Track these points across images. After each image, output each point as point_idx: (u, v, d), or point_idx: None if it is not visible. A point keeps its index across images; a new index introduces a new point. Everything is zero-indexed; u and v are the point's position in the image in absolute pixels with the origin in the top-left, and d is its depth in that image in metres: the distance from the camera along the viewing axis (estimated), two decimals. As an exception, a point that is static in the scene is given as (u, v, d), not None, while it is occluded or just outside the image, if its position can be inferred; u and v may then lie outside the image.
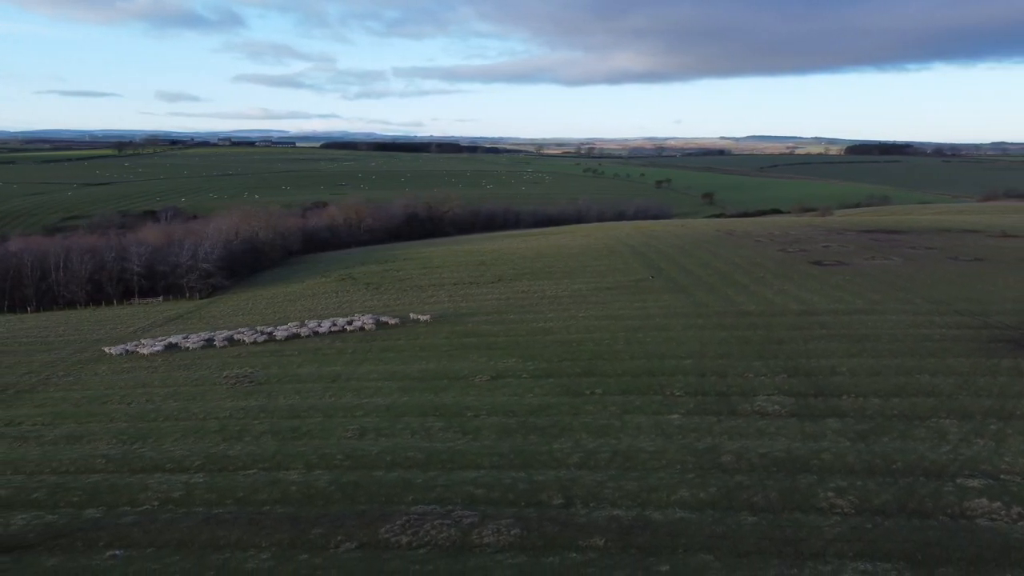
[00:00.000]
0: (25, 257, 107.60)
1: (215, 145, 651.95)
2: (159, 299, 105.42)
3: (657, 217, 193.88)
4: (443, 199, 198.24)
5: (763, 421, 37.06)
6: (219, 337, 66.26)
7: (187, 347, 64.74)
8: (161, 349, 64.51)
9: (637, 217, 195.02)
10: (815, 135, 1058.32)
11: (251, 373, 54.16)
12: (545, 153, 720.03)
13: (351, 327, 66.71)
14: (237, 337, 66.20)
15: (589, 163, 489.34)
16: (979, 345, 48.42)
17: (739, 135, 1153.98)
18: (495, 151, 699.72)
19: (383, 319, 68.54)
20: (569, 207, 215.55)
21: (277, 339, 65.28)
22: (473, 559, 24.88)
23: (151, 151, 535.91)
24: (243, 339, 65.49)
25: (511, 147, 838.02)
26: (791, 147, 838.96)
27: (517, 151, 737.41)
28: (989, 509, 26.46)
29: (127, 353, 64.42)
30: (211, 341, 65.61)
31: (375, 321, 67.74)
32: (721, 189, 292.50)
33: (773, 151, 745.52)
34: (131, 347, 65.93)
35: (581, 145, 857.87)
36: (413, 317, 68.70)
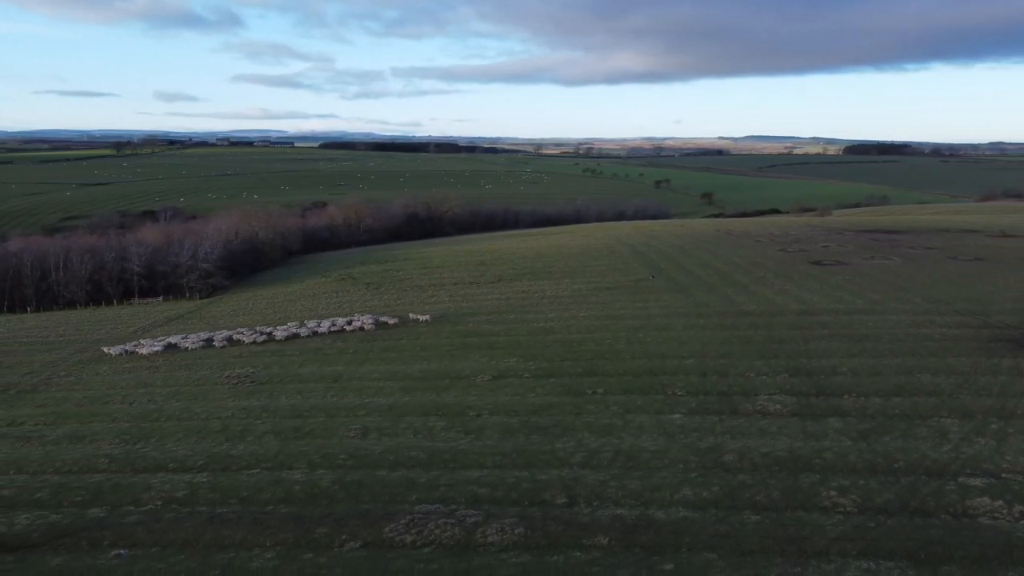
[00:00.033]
0: (25, 257, 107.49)
1: (213, 145, 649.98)
2: (159, 299, 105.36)
3: (656, 217, 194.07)
4: (442, 199, 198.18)
5: (765, 420, 37.18)
6: (218, 337, 66.29)
7: (186, 347, 64.77)
8: (160, 349, 64.52)
9: (636, 217, 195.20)
10: (813, 135, 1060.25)
11: (252, 373, 54.22)
12: (544, 153, 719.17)
13: (351, 327, 66.75)
14: (236, 337, 66.24)
15: (588, 163, 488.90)
16: (979, 344, 48.58)
17: (738, 135, 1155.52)
18: (493, 151, 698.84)
19: (383, 319, 68.60)
20: (568, 207, 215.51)
21: (277, 339, 65.33)
22: (477, 558, 24.96)
23: (149, 151, 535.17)
24: (243, 339, 65.54)
25: (509, 147, 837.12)
26: (790, 147, 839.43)
27: (515, 151, 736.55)
28: (991, 508, 26.61)
29: (126, 353, 64.43)
30: (210, 341, 65.63)
31: (375, 321, 67.79)
32: (720, 189, 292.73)
33: (772, 151, 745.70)
34: (130, 347, 65.94)
35: (580, 145, 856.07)
36: (413, 317, 68.76)
